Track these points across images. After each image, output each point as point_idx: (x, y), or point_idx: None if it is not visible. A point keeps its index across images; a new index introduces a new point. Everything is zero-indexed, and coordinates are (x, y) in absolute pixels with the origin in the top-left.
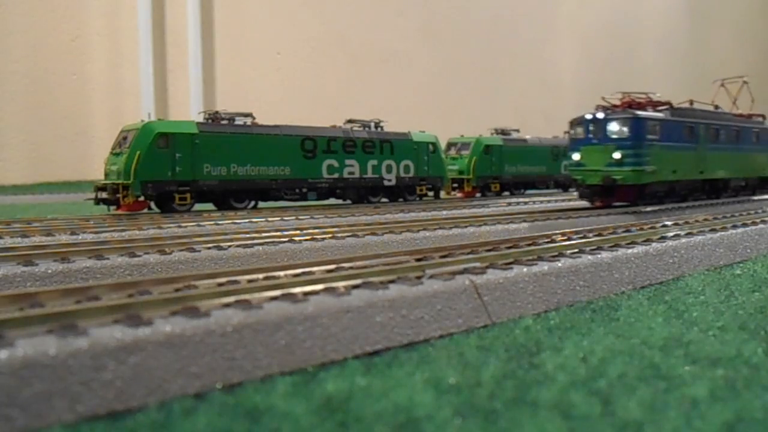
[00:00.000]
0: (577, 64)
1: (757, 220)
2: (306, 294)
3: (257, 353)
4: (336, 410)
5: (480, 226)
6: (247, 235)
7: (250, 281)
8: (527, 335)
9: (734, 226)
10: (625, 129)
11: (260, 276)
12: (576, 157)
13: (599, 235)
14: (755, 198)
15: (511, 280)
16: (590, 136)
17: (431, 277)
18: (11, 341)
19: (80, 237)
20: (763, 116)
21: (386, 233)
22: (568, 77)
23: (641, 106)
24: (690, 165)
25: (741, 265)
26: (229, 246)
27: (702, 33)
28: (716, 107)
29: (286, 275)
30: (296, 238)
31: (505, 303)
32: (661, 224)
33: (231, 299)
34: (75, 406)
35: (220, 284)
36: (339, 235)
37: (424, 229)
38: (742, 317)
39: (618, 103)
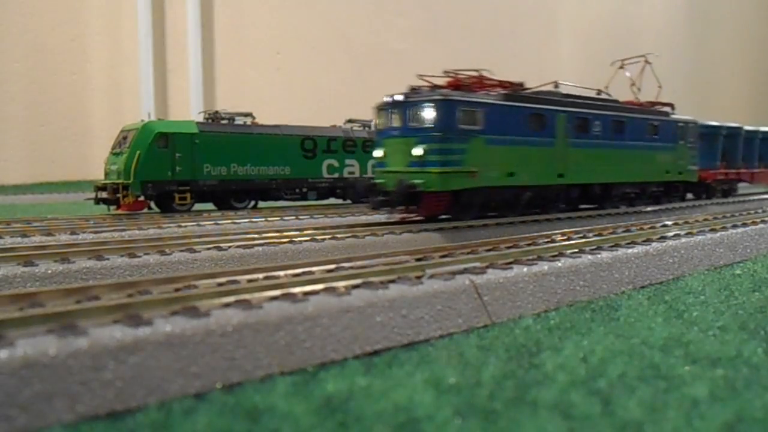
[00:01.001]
0: (577, 64)
1: (757, 220)
2: (306, 294)
3: (257, 353)
4: (336, 410)
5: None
6: (247, 235)
7: (250, 281)
8: (527, 335)
9: (734, 226)
10: (431, 116)
11: (260, 276)
12: (378, 154)
13: (599, 235)
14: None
15: (511, 280)
16: (393, 125)
17: (431, 277)
18: (11, 341)
19: (80, 237)
20: (671, 105)
21: (386, 234)
22: (568, 77)
23: (469, 88)
24: (540, 166)
25: (741, 265)
26: (230, 246)
27: (702, 33)
28: (599, 92)
29: (286, 275)
30: (296, 239)
31: (505, 303)
32: (661, 224)
33: (231, 299)
34: (75, 406)
35: (220, 284)
36: (339, 236)
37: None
38: (742, 317)
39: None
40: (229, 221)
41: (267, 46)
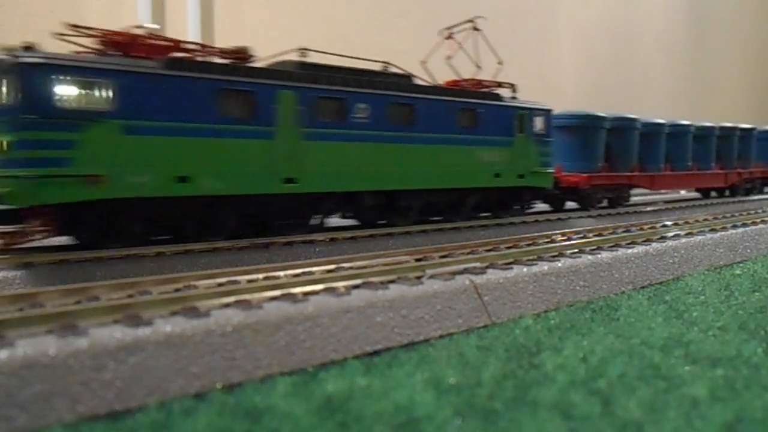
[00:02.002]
0: (577, 64)
1: (757, 220)
2: (306, 294)
3: (257, 353)
4: (336, 410)
5: None
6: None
7: (250, 281)
8: (527, 335)
9: (734, 226)
10: (6, 90)
11: (260, 276)
12: None
13: (599, 235)
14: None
15: (511, 280)
16: None
17: (431, 277)
18: (11, 341)
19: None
20: (512, 86)
21: (385, 235)
22: (568, 77)
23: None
24: (247, 167)
25: (741, 265)
26: (229, 248)
27: (702, 33)
28: (385, 66)
29: (286, 275)
30: (296, 240)
31: (505, 303)
32: (661, 224)
33: (231, 299)
34: (75, 406)
35: (220, 284)
36: (338, 236)
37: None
38: (742, 317)
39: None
40: None
41: (267, 46)
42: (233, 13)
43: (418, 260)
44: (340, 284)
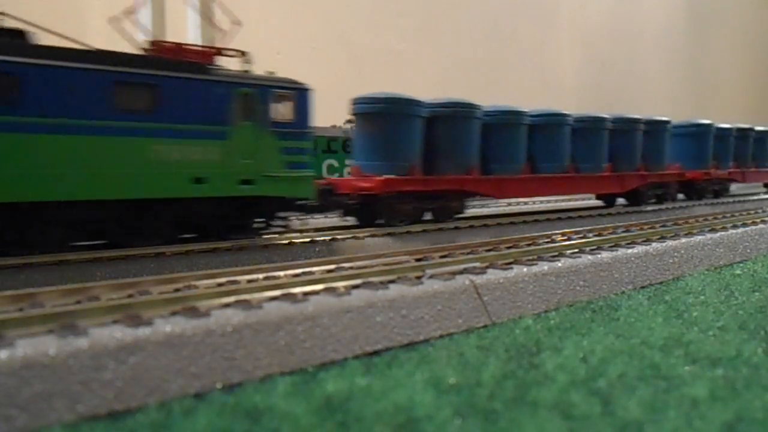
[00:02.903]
0: (577, 64)
1: (757, 220)
2: (306, 294)
3: (257, 353)
4: (336, 410)
5: None
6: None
7: (250, 281)
8: (527, 335)
9: (734, 226)
10: None
11: (260, 276)
12: None
13: (599, 235)
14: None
15: (511, 280)
16: None
17: (431, 277)
18: (11, 341)
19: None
20: (243, 54)
21: (385, 235)
22: (568, 77)
23: None
24: None
25: (741, 265)
26: (229, 248)
27: (702, 33)
28: None
29: (286, 275)
30: (296, 240)
31: (505, 303)
32: (660, 225)
33: (231, 299)
34: (75, 406)
35: (220, 284)
36: (339, 237)
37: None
38: (742, 317)
39: None
40: None
41: (267, 46)
42: (233, 13)
43: (418, 260)
44: (340, 284)
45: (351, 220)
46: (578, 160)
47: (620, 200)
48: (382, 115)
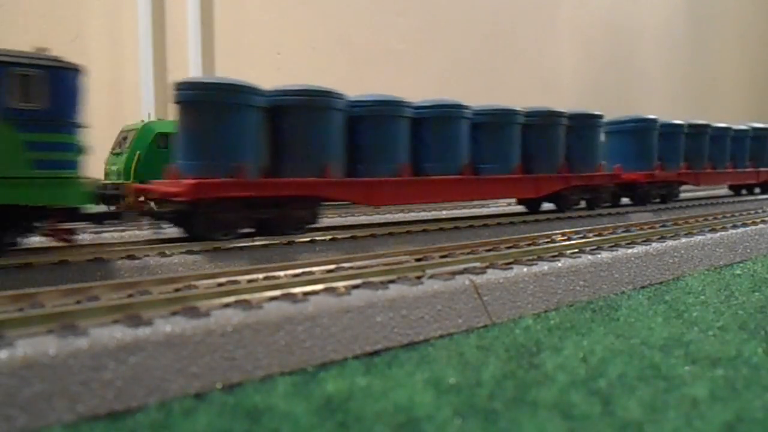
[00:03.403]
0: (577, 64)
1: (757, 220)
2: (306, 294)
3: (257, 353)
4: (336, 410)
5: None
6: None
7: (250, 281)
8: (527, 335)
9: (734, 226)
10: None
11: (260, 276)
12: None
13: (599, 235)
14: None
15: (511, 280)
16: None
17: (431, 277)
18: (11, 341)
19: (80, 237)
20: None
21: (385, 235)
22: (568, 77)
23: None
24: None
25: (741, 265)
26: (229, 248)
27: (702, 33)
28: None
29: (286, 275)
30: (296, 240)
31: (505, 303)
32: (660, 224)
33: (231, 299)
34: (75, 406)
35: (220, 284)
36: (339, 236)
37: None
38: (742, 317)
39: None
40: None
41: (267, 46)
42: (233, 13)
43: (418, 260)
44: (340, 284)
45: (176, 232)
46: (478, 160)
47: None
48: (203, 105)
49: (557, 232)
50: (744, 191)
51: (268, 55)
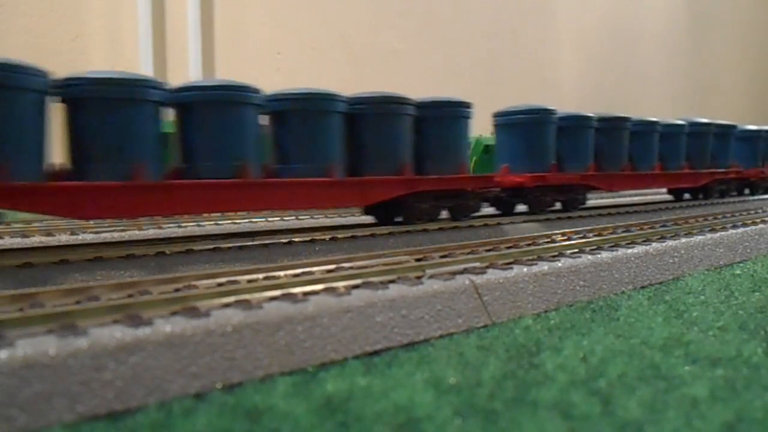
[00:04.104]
0: (577, 64)
1: (757, 220)
2: (306, 294)
3: (257, 353)
4: (336, 410)
5: None
6: (247, 236)
7: (250, 281)
8: (527, 335)
9: (734, 226)
10: None
11: (260, 276)
12: None
13: (599, 235)
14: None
15: (511, 280)
16: None
17: (431, 277)
18: (11, 341)
19: (80, 237)
20: None
21: (385, 234)
22: (568, 77)
23: None
24: None
25: (741, 265)
26: (229, 247)
27: (702, 33)
28: None
29: (286, 275)
30: (296, 239)
31: (505, 303)
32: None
33: (231, 299)
34: (75, 406)
35: (220, 284)
36: (339, 236)
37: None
38: (742, 317)
39: None
40: (230, 221)
41: (267, 46)
42: (233, 13)
43: (418, 260)
44: (340, 284)
45: None
46: (279, 158)
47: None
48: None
49: (557, 232)
50: (687, 195)
51: (268, 55)
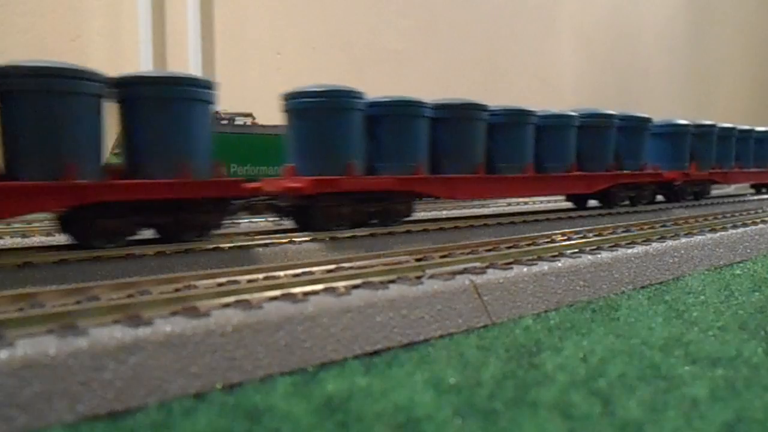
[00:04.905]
0: (577, 64)
1: (757, 220)
2: (306, 294)
3: (257, 353)
4: (336, 410)
5: None
6: (248, 236)
7: (250, 281)
8: (527, 335)
9: (734, 226)
10: None
11: (260, 276)
12: None
13: (599, 235)
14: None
15: (511, 280)
16: None
17: (431, 277)
18: (11, 341)
19: None
20: None
21: (385, 234)
22: (568, 77)
23: None
24: None
25: (741, 265)
26: (229, 247)
27: (702, 32)
28: None
29: (286, 275)
30: (296, 239)
31: (505, 303)
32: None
33: (231, 299)
34: (75, 406)
35: (220, 284)
36: (339, 236)
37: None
38: (742, 317)
39: None
40: (229, 221)
41: (267, 46)
42: (233, 13)
43: (418, 260)
44: (340, 284)
45: None
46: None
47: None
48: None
49: (557, 232)
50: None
51: (268, 55)
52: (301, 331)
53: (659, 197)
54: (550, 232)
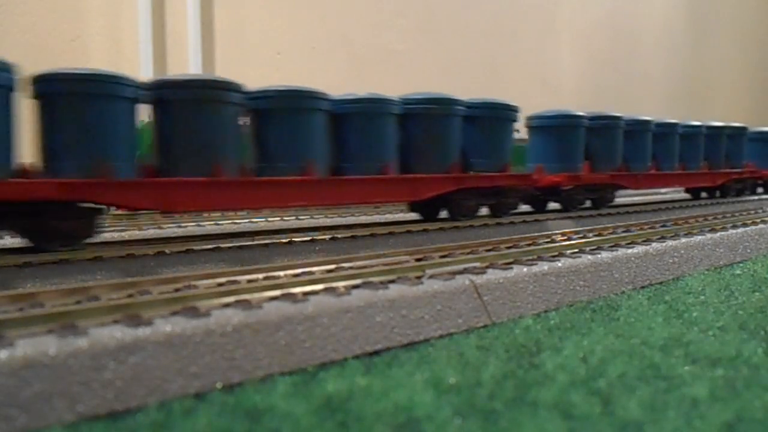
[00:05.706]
0: (577, 64)
1: (757, 220)
2: (306, 294)
3: (257, 353)
4: (336, 410)
5: None
6: (247, 236)
7: (250, 281)
8: (527, 335)
9: (734, 226)
10: None
11: (260, 276)
12: None
13: (599, 235)
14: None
15: (511, 280)
16: None
17: (431, 277)
18: (11, 341)
19: None
20: None
21: (385, 234)
22: (568, 77)
23: None
24: None
25: (741, 265)
26: (229, 247)
27: (702, 33)
28: None
29: (286, 275)
30: (296, 239)
31: (505, 303)
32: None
33: (231, 299)
34: (75, 406)
35: (220, 284)
36: (338, 236)
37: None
38: (742, 317)
39: None
40: (230, 221)
41: (267, 46)
42: (233, 13)
43: (418, 260)
44: (340, 284)
45: None
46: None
47: None
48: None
49: (557, 232)
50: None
51: (268, 55)
52: (301, 331)
53: (552, 205)
54: (550, 232)
